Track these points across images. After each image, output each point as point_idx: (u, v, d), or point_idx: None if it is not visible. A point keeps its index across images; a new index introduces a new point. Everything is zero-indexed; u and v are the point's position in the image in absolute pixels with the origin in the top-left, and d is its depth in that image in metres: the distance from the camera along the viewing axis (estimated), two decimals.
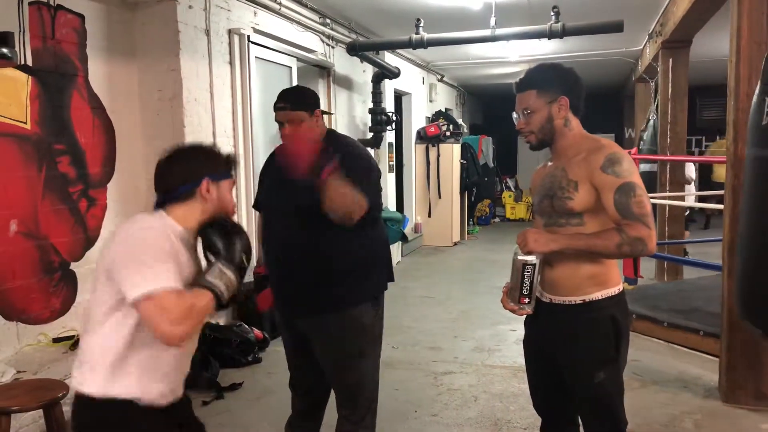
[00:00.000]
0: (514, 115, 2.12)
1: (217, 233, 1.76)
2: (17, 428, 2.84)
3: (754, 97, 2.55)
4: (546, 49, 8.17)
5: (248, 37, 4.93)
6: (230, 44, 4.81)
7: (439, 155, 9.53)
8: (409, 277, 7.36)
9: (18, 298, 3.46)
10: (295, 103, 2.40)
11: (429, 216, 9.64)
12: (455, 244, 9.68)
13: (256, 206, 2.73)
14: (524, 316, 2.20)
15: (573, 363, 2.04)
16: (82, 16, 3.86)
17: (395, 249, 7.99)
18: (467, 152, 10.28)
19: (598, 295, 2.00)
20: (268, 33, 5.36)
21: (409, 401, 3.69)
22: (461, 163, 9.95)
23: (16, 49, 3.19)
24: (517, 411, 3.48)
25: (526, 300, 2.03)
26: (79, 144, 3.82)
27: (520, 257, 1.99)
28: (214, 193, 1.76)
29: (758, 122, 2.49)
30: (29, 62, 3.45)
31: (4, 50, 2.13)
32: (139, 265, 1.55)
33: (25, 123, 3.47)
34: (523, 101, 2.08)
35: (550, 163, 2.15)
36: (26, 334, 3.51)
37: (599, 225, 1.96)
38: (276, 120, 2.44)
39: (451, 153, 9.58)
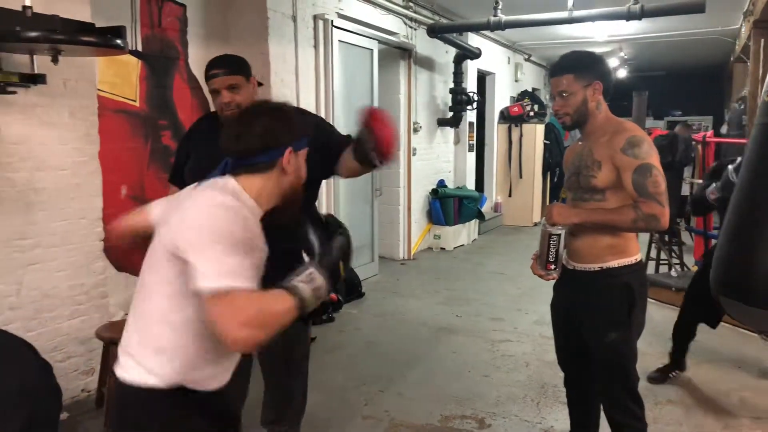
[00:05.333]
0: (547, 97, 2.32)
1: (317, 230, 1.57)
2: None
3: None
4: (634, 29, 8.03)
5: (332, 21, 5.28)
6: (315, 29, 5.19)
7: (521, 135, 9.59)
8: (483, 254, 7.58)
9: (126, 253, 4.01)
10: (234, 68, 2.28)
11: (509, 196, 9.75)
12: (535, 224, 9.73)
13: (177, 179, 2.48)
14: (554, 282, 2.43)
15: (589, 323, 2.27)
16: (184, 6, 4.34)
17: (471, 226, 8.20)
18: (551, 133, 10.24)
19: (614, 263, 2.20)
20: (351, 17, 5.70)
21: (465, 363, 3.98)
22: (544, 144, 9.95)
23: (129, 37, 3.70)
24: None
25: (552, 266, 2.26)
26: (179, 120, 4.33)
27: (546, 228, 2.23)
28: (293, 165, 1.55)
29: None
30: (139, 48, 3.97)
31: (118, 41, 2.57)
32: (212, 253, 1.35)
33: (135, 101, 4.00)
34: (560, 84, 2.25)
35: (580, 143, 2.35)
36: (132, 283, 4.07)
37: (619, 201, 2.16)
38: (212, 89, 2.28)
39: (534, 133, 9.61)
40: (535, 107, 9.76)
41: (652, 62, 12.45)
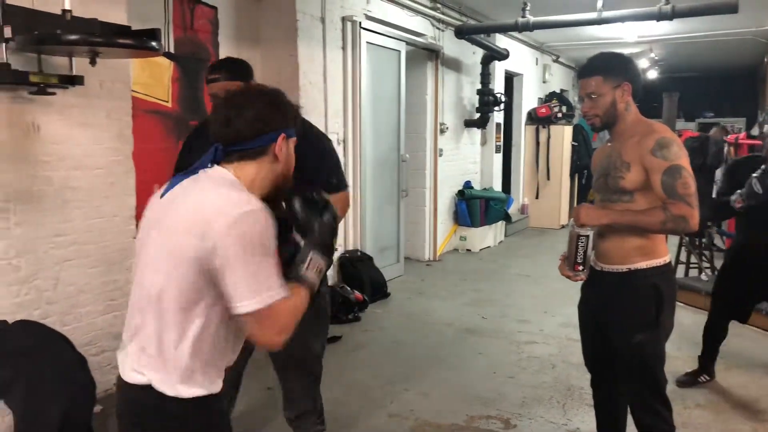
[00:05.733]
0: (575, 98, 2.31)
1: (306, 207, 1.55)
2: None
3: None
4: (665, 29, 7.92)
5: (360, 23, 5.33)
6: (343, 31, 5.24)
7: (549, 136, 9.52)
8: (510, 255, 7.55)
9: None
10: (236, 72, 2.21)
11: (536, 198, 9.69)
12: (563, 226, 9.66)
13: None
14: (580, 284, 2.42)
15: (615, 324, 2.26)
16: (215, 8, 4.42)
17: (498, 228, 8.18)
18: (579, 134, 10.15)
19: (643, 264, 2.19)
20: (379, 19, 5.74)
21: (490, 363, 3.98)
22: (572, 145, 9.87)
23: (163, 39, 3.78)
24: None
25: (580, 267, 2.25)
26: None
27: (575, 230, 2.22)
28: (285, 152, 1.52)
29: None
30: (172, 50, 4.06)
31: (153, 43, 2.64)
32: (250, 268, 1.35)
33: (167, 101, 4.08)
34: (589, 86, 2.24)
35: (609, 144, 2.35)
36: None
37: (648, 202, 2.15)
38: (212, 93, 2.23)
39: (562, 135, 9.54)
40: (563, 108, 9.69)
41: (683, 63, 12.27)
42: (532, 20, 6.13)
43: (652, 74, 11.25)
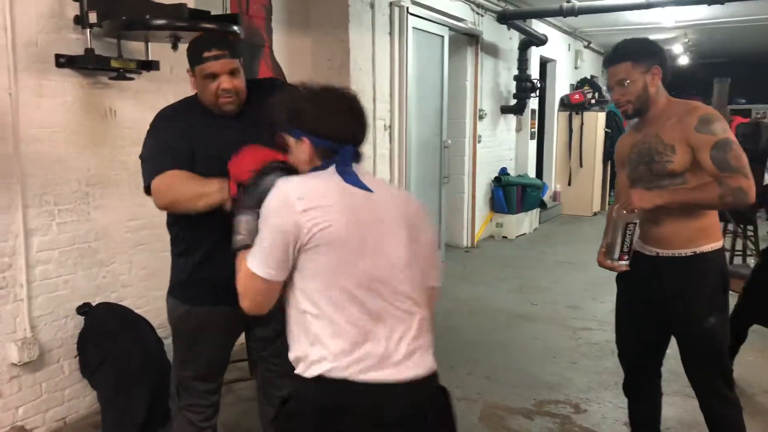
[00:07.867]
0: (604, 88, 2.26)
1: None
2: None
3: None
4: (704, 14, 7.80)
5: (407, 9, 5.30)
6: (391, 16, 5.22)
7: (582, 123, 9.45)
8: (546, 243, 7.53)
9: None
10: (235, 50, 1.97)
11: (569, 184, 9.64)
12: (595, 214, 9.61)
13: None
14: (616, 275, 2.38)
15: (686, 309, 2.19)
16: None
17: (533, 215, 8.15)
18: (612, 121, 10.06)
19: (707, 247, 2.16)
20: (424, 4, 5.70)
21: (548, 348, 3.99)
22: (605, 132, 9.78)
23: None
24: None
25: (626, 257, 2.21)
26: None
27: (622, 217, 2.15)
28: None
29: None
30: None
31: (236, 28, 2.65)
32: None
33: None
34: (618, 73, 2.18)
35: (636, 132, 2.28)
36: None
37: (699, 181, 2.09)
38: (209, 73, 1.91)
39: (596, 121, 9.46)
40: (596, 95, 9.60)
41: (714, 49, 12.10)
42: (578, 5, 6.07)
43: (684, 60, 11.09)
